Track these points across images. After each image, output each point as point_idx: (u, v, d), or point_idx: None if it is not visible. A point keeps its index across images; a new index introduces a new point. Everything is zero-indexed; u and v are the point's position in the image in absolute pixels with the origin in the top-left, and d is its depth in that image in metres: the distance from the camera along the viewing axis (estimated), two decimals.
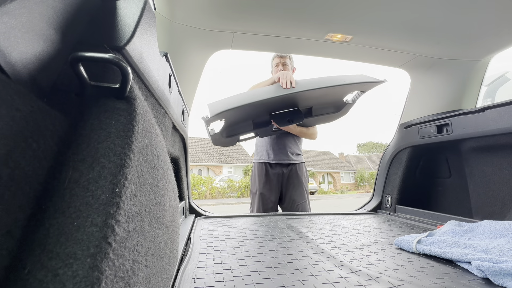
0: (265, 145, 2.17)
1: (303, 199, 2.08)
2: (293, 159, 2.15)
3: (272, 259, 0.81)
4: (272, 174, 2.12)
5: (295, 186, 2.10)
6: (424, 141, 1.57)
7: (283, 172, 2.13)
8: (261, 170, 2.14)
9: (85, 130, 0.35)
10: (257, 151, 2.24)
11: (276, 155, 2.12)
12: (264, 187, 2.10)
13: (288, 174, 2.12)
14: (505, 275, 0.64)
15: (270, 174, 2.12)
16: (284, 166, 2.13)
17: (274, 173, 2.12)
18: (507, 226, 0.93)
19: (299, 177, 2.13)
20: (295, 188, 2.10)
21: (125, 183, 0.33)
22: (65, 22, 0.36)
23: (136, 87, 0.46)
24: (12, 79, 0.28)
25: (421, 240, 0.92)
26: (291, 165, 2.14)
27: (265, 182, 2.11)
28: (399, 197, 1.70)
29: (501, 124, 1.14)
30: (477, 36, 1.23)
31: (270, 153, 2.15)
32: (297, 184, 2.11)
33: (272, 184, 2.10)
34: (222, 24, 1.20)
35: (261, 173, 2.13)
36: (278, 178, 2.12)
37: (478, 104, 1.54)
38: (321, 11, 1.08)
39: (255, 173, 2.18)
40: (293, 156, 2.16)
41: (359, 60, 1.57)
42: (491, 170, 1.32)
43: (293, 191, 2.09)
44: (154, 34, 0.60)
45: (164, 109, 0.74)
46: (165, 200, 0.52)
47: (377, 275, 0.68)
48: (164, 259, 0.48)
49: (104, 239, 0.28)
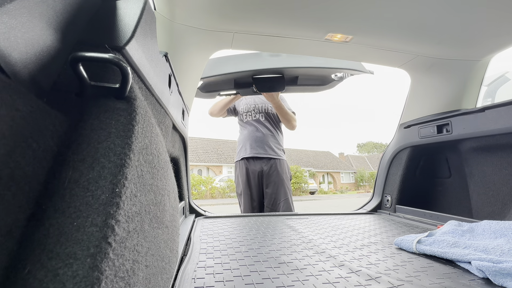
0: (244, 140, 2.18)
1: (285, 196, 2.06)
2: (272, 154, 2.12)
3: (272, 259, 0.81)
4: (252, 171, 2.11)
5: (276, 184, 2.07)
6: (424, 141, 1.57)
7: (263, 169, 2.10)
8: (242, 169, 2.14)
9: (85, 130, 0.35)
10: (236, 150, 2.26)
11: (253, 149, 2.11)
12: (246, 187, 2.10)
13: (268, 171, 2.10)
14: (505, 275, 0.64)
15: (249, 172, 2.11)
16: (263, 161, 2.11)
17: (253, 170, 2.10)
18: (507, 226, 0.93)
19: (280, 175, 2.09)
20: (276, 185, 2.07)
21: (125, 183, 0.33)
22: (65, 22, 0.36)
23: (136, 87, 0.46)
24: (12, 79, 0.28)
25: (421, 240, 0.92)
26: (271, 161, 2.11)
27: (246, 181, 2.11)
28: (399, 197, 1.70)
29: (501, 124, 1.14)
30: (477, 36, 1.23)
31: (247, 147, 2.15)
32: (278, 182, 2.08)
33: (252, 182, 2.10)
34: (222, 24, 1.20)
35: (242, 172, 2.13)
36: (258, 175, 2.10)
37: (478, 104, 1.54)
38: (321, 11, 1.08)
39: (237, 173, 2.19)
40: (271, 151, 2.13)
41: (359, 60, 1.57)
42: (491, 170, 1.32)
43: (275, 189, 2.07)
44: (154, 34, 0.60)
45: (164, 109, 0.74)
46: (165, 200, 0.52)
47: (377, 275, 0.68)
48: (164, 259, 0.48)
49: (104, 239, 0.28)
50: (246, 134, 2.17)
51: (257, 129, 2.15)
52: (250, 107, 2.23)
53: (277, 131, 2.22)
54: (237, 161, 2.21)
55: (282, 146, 2.25)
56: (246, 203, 2.08)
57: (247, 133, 2.17)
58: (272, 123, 2.21)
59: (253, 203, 2.08)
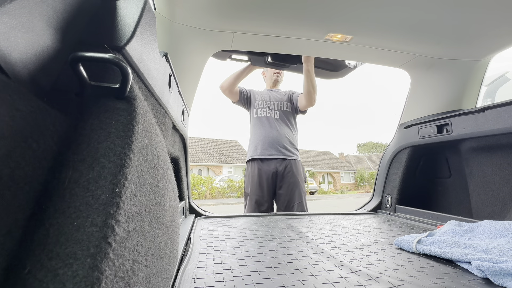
0: (257, 139, 2.03)
1: (299, 199, 1.93)
2: (287, 155, 1.98)
3: (272, 259, 0.81)
4: (265, 172, 1.95)
5: (290, 186, 1.93)
6: (424, 141, 1.57)
7: (277, 170, 1.95)
8: (254, 169, 1.99)
9: (85, 130, 0.35)
10: (248, 149, 2.10)
11: (266, 149, 1.96)
12: (257, 188, 1.94)
13: (282, 171, 1.95)
14: (505, 275, 0.64)
15: (262, 173, 1.95)
16: (278, 161, 1.96)
17: (267, 171, 1.95)
18: (507, 226, 0.93)
19: (295, 176, 1.95)
20: (290, 187, 1.93)
21: (125, 183, 0.33)
22: (65, 22, 0.36)
23: (136, 87, 0.46)
24: (12, 79, 0.28)
25: (421, 240, 0.92)
26: (285, 161, 1.96)
27: (258, 182, 1.95)
28: (399, 197, 1.70)
29: (501, 124, 1.14)
30: (477, 36, 1.23)
31: (260, 147, 1.98)
32: (292, 184, 1.93)
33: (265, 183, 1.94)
34: (222, 24, 1.20)
35: (254, 173, 1.97)
36: (272, 176, 1.95)
37: (478, 104, 1.54)
38: (321, 11, 1.08)
39: (248, 174, 2.04)
40: (286, 151, 1.98)
41: (359, 60, 1.57)
42: (491, 170, 1.32)
43: (288, 191, 1.93)
44: (154, 34, 0.60)
45: (164, 109, 0.74)
46: (165, 200, 0.52)
47: (377, 275, 0.68)
48: (164, 259, 0.48)
49: (104, 239, 0.28)
50: (260, 133, 2.02)
51: (271, 127, 2.00)
52: (265, 103, 2.09)
53: (292, 130, 2.08)
54: (249, 160, 2.05)
55: (297, 146, 2.10)
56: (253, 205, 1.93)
57: (260, 132, 2.02)
58: (288, 121, 2.08)
59: (260, 207, 1.92)
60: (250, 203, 1.95)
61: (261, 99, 2.12)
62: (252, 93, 2.19)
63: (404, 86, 2.01)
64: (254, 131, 2.09)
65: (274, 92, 2.17)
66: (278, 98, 2.12)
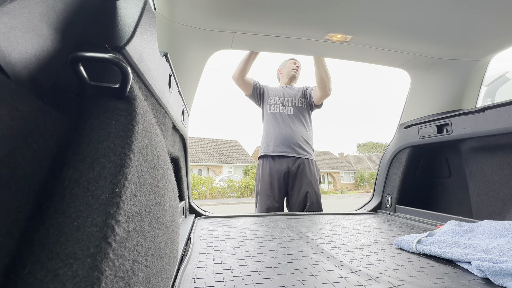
0: (269, 136, 1.95)
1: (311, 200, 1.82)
2: (300, 153, 1.88)
3: (272, 259, 0.81)
4: (277, 171, 1.86)
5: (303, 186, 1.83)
6: (424, 141, 1.57)
7: (289, 169, 1.86)
8: (265, 167, 1.90)
9: (85, 130, 0.35)
10: (261, 145, 2.02)
11: (279, 147, 1.87)
12: (268, 187, 1.86)
13: (295, 171, 1.86)
14: (505, 275, 0.64)
15: (274, 171, 1.87)
16: (291, 160, 1.87)
17: (279, 170, 1.86)
18: (507, 226, 0.93)
19: (308, 176, 1.85)
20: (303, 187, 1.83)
21: (125, 183, 0.33)
22: (65, 22, 0.36)
23: (136, 87, 0.46)
24: (12, 79, 0.28)
25: (421, 240, 0.92)
26: (299, 160, 1.87)
27: (269, 181, 1.86)
28: (399, 197, 1.70)
29: (501, 124, 1.14)
30: (477, 36, 1.23)
31: (270, 144, 1.89)
32: (306, 184, 1.84)
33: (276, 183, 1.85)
34: (222, 24, 1.20)
35: (265, 172, 1.89)
36: (284, 176, 1.86)
37: (478, 104, 1.54)
38: (321, 11, 1.08)
39: (259, 172, 1.96)
40: (300, 149, 1.89)
41: (359, 60, 1.57)
42: (491, 170, 1.32)
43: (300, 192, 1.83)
44: (154, 34, 0.60)
45: (164, 109, 0.74)
46: (165, 200, 0.52)
47: (377, 275, 0.68)
48: (164, 259, 0.48)
49: (104, 239, 0.28)
50: (272, 129, 1.94)
51: (284, 124, 1.92)
52: (278, 99, 2.01)
53: (306, 128, 1.99)
54: (261, 158, 1.96)
55: (312, 144, 2.00)
56: (264, 205, 1.85)
57: (273, 128, 1.94)
58: (302, 118, 1.99)
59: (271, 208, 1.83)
60: (261, 203, 1.87)
61: (275, 95, 2.05)
62: (266, 88, 2.13)
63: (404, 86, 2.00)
64: (267, 127, 2.02)
65: (288, 88, 2.11)
66: (292, 94, 2.05)
